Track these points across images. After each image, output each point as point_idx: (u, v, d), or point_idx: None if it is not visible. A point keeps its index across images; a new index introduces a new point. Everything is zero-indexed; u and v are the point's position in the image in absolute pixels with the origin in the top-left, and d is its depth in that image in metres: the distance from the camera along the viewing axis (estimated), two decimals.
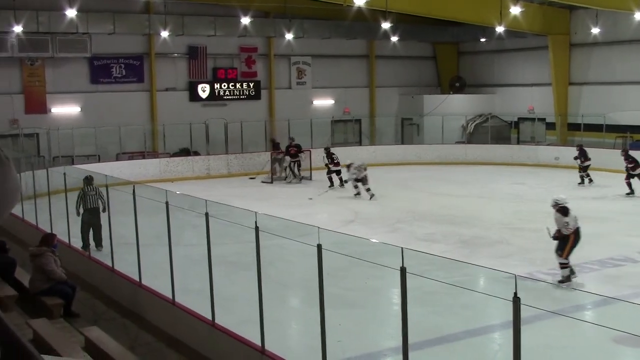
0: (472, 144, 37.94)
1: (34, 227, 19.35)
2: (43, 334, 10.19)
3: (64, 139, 31.74)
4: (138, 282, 13.71)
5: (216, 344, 11.21)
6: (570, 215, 14.58)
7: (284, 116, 37.34)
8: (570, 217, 14.56)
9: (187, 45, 36.10)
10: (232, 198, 23.80)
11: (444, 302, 13.26)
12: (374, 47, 41.26)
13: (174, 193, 13.56)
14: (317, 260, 9.20)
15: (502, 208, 23.96)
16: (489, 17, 31.99)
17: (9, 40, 30.79)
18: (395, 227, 21.14)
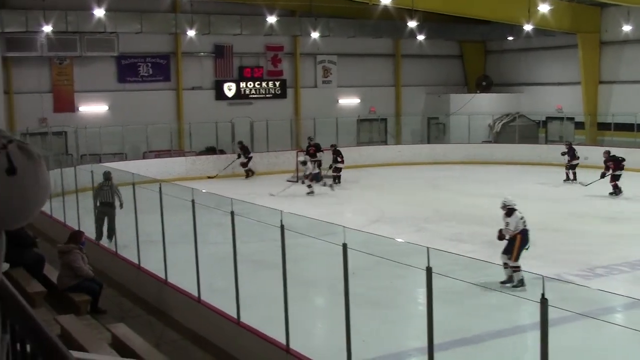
0: (499, 143, 37.68)
1: (62, 225, 19.49)
2: (70, 329, 10.24)
3: (92, 137, 31.96)
4: (164, 280, 13.76)
5: (241, 342, 11.21)
6: (514, 217, 14.48)
7: (309, 115, 37.35)
8: (513, 218, 14.46)
9: (213, 44, 36.20)
10: (257, 196, 23.83)
11: (470, 303, 13.17)
12: (400, 45, 41.13)
13: (199, 191, 13.58)
14: (342, 260, 9.17)
15: (529, 208, 23.72)
16: (517, 16, 31.77)
17: (39, 39, 31.06)
18: (421, 226, 21.04)
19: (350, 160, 33.59)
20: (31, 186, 1.78)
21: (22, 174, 1.75)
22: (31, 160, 1.80)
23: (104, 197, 18.90)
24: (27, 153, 1.80)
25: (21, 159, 1.77)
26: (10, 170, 1.74)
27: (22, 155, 1.79)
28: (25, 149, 1.81)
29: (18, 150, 1.79)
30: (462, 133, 38.63)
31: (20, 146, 1.81)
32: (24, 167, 1.76)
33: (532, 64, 40.59)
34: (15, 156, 1.77)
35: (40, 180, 1.81)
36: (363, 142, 39.19)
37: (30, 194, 1.78)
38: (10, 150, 1.77)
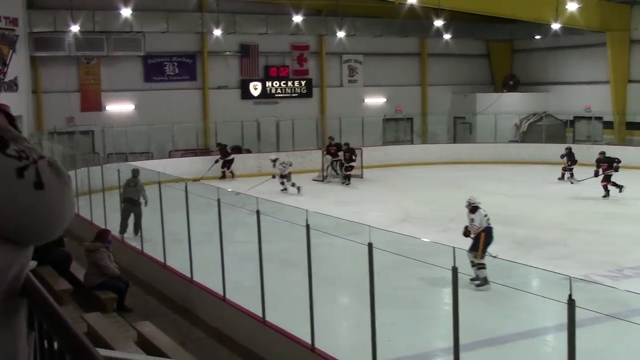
0: (525, 143, 37.45)
1: (89, 223, 19.63)
2: (97, 327, 10.31)
3: (118, 136, 32.14)
4: (189, 279, 13.81)
5: (266, 341, 11.22)
6: (478, 213, 14.68)
7: (335, 114, 37.31)
8: (477, 215, 14.65)
9: (239, 43, 36.28)
10: (282, 196, 23.85)
11: (496, 303, 13.10)
12: (426, 45, 40.99)
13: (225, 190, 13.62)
14: (367, 259, 9.14)
15: (556, 208, 23.60)
16: (545, 14, 31.52)
17: (67, 39, 31.31)
18: (447, 226, 20.93)
19: (376, 159, 33.56)
20: (57, 204, 1.78)
21: (49, 190, 1.75)
22: (60, 178, 1.80)
23: (129, 194, 19.43)
24: (57, 171, 1.81)
25: (50, 176, 1.78)
26: (38, 185, 1.74)
27: (51, 173, 1.79)
28: (56, 167, 1.82)
29: (48, 166, 1.79)
30: (488, 132, 38.44)
31: (51, 163, 1.82)
32: (51, 184, 1.77)
33: (559, 63, 40.27)
34: (44, 172, 1.77)
35: (66, 200, 1.81)
36: (389, 142, 39.13)
37: (55, 212, 1.78)
38: (40, 166, 1.77)
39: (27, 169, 1.73)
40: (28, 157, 1.76)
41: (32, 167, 1.75)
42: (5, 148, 1.74)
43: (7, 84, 27.63)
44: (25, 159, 1.75)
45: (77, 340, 1.85)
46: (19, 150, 1.77)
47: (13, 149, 1.76)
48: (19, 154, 1.76)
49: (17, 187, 1.71)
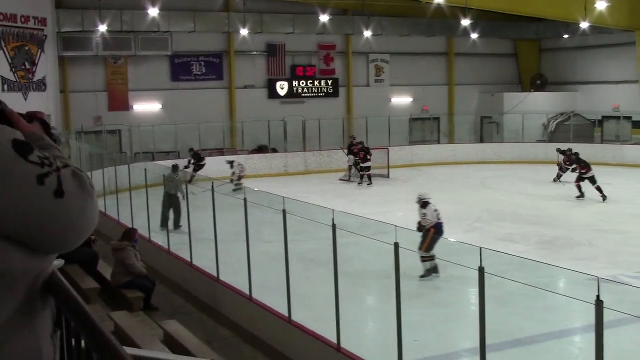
0: (553, 142, 37.14)
1: (116, 222, 19.75)
2: (123, 326, 10.36)
3: (145, 135, 32.32)
4: (216, 278, 13.84)
5: (292, 340, 11.23)
6: (429, 208, 15.12)
7: (361, 114, 37.28)
8: (428, 209, 15.09)
9: (266, 42, 36.35)
10: (309, 195, 23.85)
11: (523, 304, 13.00)
12: (453, 44, 40.84)
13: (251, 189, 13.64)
14: (393, 259, 9.12)
15: (584, 208, 23.42)
16: (573, 13, 31.26)
17: (94, 39, 31.55)
18: (474, 226, 20.86)
19: (403, 159, 33.50)
20: (77, 214, 1.77)
21: (69, 199, 1.75)
22: (82, 189, 1.80)
23: (168, 189, 20.37)
24: (80, 181, 1.81)
25: (72, 185, 1.78)
26: (58, 193, 1.74)
27: (74, 182, 1.79)
28: (79, 176, 1.82)
29: (71, 176, 1.80)
30: (515, 132, 38.24)
31: (75, 173, 1.82)
32: (72, 193, 1.76)
33: (588, 62, 39.94)
34: (66, 181, 1.77)
35: (87, 211, 1.80)
36: (415, 141, 39.03)
37: (75, 222, 1.78)
38: (62, 174, 1.77)
39: (48, 176, 1.73)
40: (51, 164, 1.76)
41: (54, 174, 1.75)
42: (29, 154, 1.75)
43: (35, 84, 27.89)
44: (48, 166, 1.75)
45: (104, 338, 1.85)
46: (43, 158, 1.77)
47: (36, 156, 1.76)
48: (42, 160, 1.76)
49: (36, 194, 1.71)
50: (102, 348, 1.85)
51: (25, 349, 1.81)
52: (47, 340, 1.90)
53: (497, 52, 42.37)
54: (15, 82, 26.89)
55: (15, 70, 26.89)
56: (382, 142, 33.86)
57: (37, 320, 1.87)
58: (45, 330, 1.90)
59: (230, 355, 11.05)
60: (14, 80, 26.84)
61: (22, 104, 25.75)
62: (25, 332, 1.82)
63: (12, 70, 26.69)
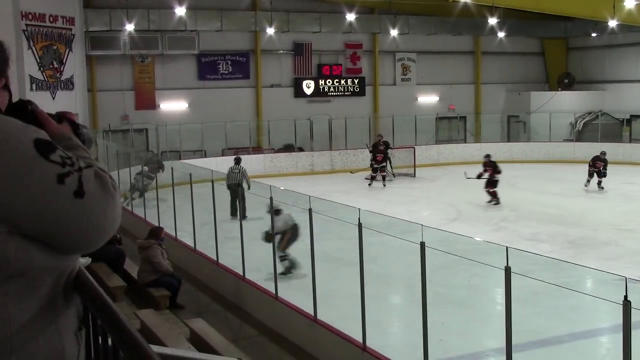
0: (580, 142, 36.88)
1: (142, 221, 19.86)
2: (150, 324, 10.42)
3: (172, 134, 32.50)
4: (241, 276, 13.88)
5: (317, 339, 11.23)
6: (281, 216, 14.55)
7: (388, 113, 37.22)
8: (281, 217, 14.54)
9: (293, 41, 36.37)
10: (335, 194, 23.85)
11: (549, 304, 12.92)
12: (480, 43, 40.62)
13: (277, 189, 13.66)
14: (420, 258, 9.09)
15: (611, 208, 23.22)
16: (602, 11, 30.96)
17: (122, 38, 31.75)
18: (500, 225, 20.77)
19: (429, 158, 33.42)
20: (97, 215, 1.78)
21: (89, 199, 1.76)
22: (104, 190, 1.81)
23: (232, 180, 21.38)
24: (102, 182, 1.81)
25: (93, 186, 1.78)
26: (78, 193, 1.75)
27: (96, 183, 1.80)
28: (102, 177, 1.82)
29: (93, 177, 1.80)
30: (542, 131, 38.01)
31: (98, 174, 1.82)
32: (93, 194, 1.77)
33: (616, 60, 39.58)
34: (88, 181, 1.78)
35: (108, 212, 1.81)
36: (442, 140, 38.89)
37: (95, 223, 1.78)
38: (84, 175, 1.78)
39: (69, 176, 1.74)
40: (73, 164, 1.77)
41: (75, 174, 1.76)
42: (50, 154, 1.76)
43: (63, 83, 28.11)
44: (69, 166, 1.76)
45: (130, 336, 1.86)
46: (65, 157, 1.78)
47: (58, 155, 1.77)
48: (64, 160, 1.77)
49: (56, 193, 1.73)
50: (129, 346, 1.86)
51: (48, 347, 1.82)
52: (71, 339, 1.91)
53: (525, 51, 42.10)
54: (44, 81, 27.11)
55: (44, 69, 27.10)
56: (408, 141, 33.79)
57: (60, 319, 1.88)
58: (69, 329, 1.91)
59: (256, 354, 11.07)
60: (43, 80, 27.05)
61: (50, 103, 25.97)
62: (49, 330, 1.83)
63: (40, 70, 26.90)
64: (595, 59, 41.01)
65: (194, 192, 16.72)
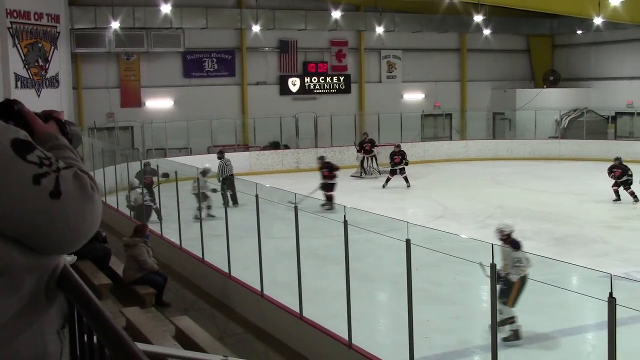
0: (566, 139, 37.06)
1: (128, 218, 19.81)
2: (135, 322, 10.40)
3: (157, 132, 32.44)
4: (227, 274, 13.87)
5: (303, 336, 11.25)
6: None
7: (373, 110, 37.27)
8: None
9: (278, 39, 36.35)
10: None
11: (535, 301, 12.97)
12: (466, 40, 40.71)
13: (263, 186, 13.66)
14: (405, 255, 9.12)
15: (597, 206, 23.33)
16: (587, 9, 31.10)
17: (107, 36, 31.63)
18: (486, 223, 20.80)
19: (415, 155, 33.41)
20: (74, 216, 1.77)
21: (66, 200, 1.75)
22: (83, 191, 1.80)
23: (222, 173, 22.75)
24: (81, 183, 1.80)
25: (71, 187, 1.77)
26: (54, 194, 1.74)
27: (74, 184, 1.79)
28: (81, 178, 1.81)
29: (72, 177, 1.79)
30: (528, 128, 38.17)
31: (77, 175, 1.81)
32: (70, 195, 1.76)
33: (601, 58, 39.75)
34: (65, 182, 1.77)
35: (87, 213, 1.80)
36: (427, 138, 38.97)
37: (72, 225, 1.77)
38: (62, 175, 1.77)
39: (46, 177, 1.74)
40: (51, 165, 1.76)
41: (53, 175, 1.75)
42: (27, 154, 1.75)
43: (48, 80, 27.97)
44: (47, 166, 1.75)
45: (116, 334, 1.87)
46: (43, 158, 1.77)
47: (36, 156, 1.76)
48: (42, 160, 1.76)
49: (31, 194, 1.72)
50: (115, 344, 1.86)
51: (31, 345, 1.82)
52: (53, 337, 1.91)
53: (510, 48, 42.24)
54: (29, 79, 26.96)
55: (29, 67, 26.96)
56: (394, 138, 33.81)
57: (42, 318, 1.87)
58: (51, 327, 1.90)
59: (242, 351, 11.07)
60: (28, 77, 26.91)
61: (36, 100, 25.84)
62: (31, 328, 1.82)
63: (25, 68, 26.76)
64: (581, 56, 41.18)
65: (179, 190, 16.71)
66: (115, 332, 1.87)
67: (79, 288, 2.02)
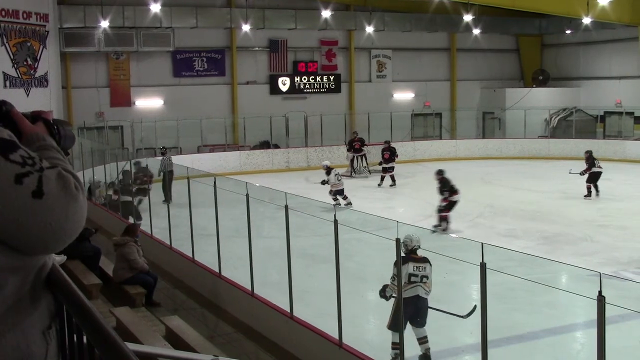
0: (555, 138, 37.17)
1: (118, 218, 19.76)
2: (125, 322, 10.37)
3: (147, 131, 32.39)
4: (218, 273, 13.85)
5: (294, 336, 11.24)
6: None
7: (363, 109, 37.32)
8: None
9: (268, 38, 36.33)
10: (311, 191, 23.84)
11: (525, 300, 13.01)
12: (456, 40, 40.80)
13: (253, 185, 13.64)
14: (395, 255, 9.13)
15: (586, 204, 23.42)
16: (576, 8, 31.20)
17: (96, 35, 31.56)
18: (476, 222, 20.87)
19: (404, 155, 33.44)
20: (57, 217, 1.75)
21: (48, 201, 1.74)
22: (66, 191, 1.78)
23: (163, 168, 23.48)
24: (64, 183, 1.79)
25: (54, 187, 1.76)
26: (36, 193, 1.73)
27: (57, 184, 1.77)
28: (64, 178, 1.80)
29: (56, 177, 1.78)
30: (517, 128, 38.24)
31: (61, 175, 1.80)
32: (53, 195, 1.75)
33: (590, 57, 39.90)
34: (48, 182, 1.75)
35: (70, 213, 1.78)
36: (417, 137, 39.01)
37: (55, 225, 1.76)
38: (45, 175, 1.76)
39: (28, 176, 1.72)
40: (34, 164, 1.75)
41: (35, 175, 1.74)
42: (10, 153, 1.74)
43: (37, 80, 27.88)
44: (30, 165, 1.74)
45: (106, 334, 1.86)
46: (26, 157, 1.75)
47: (19, 155, 1.75)
48: (25, 160, 1.75)
49: (13, 193, 1.71)
50: (104, 344, 1.85)
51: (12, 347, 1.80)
52: (38, 338, 1.89)
53: (500, 48, 42.36)
54: (18, 78, 26.88)
55: (18, 66, 26.87)
56: (384, 137, 33.78)
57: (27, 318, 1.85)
58: (35, 328, 1.88)
59: (233, 351, 11.06)
60: (16, 77, 26.83)
61: (25, 100, 25.77)
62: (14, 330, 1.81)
63: (14, 67, 26.67)
64: (570, 56, 41.32)
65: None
66: (105, 332, 1.86)
67: (69, 288, 2.02)
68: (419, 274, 10.27)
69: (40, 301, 1.92)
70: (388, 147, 28.57)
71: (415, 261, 10.27)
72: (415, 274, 10.25)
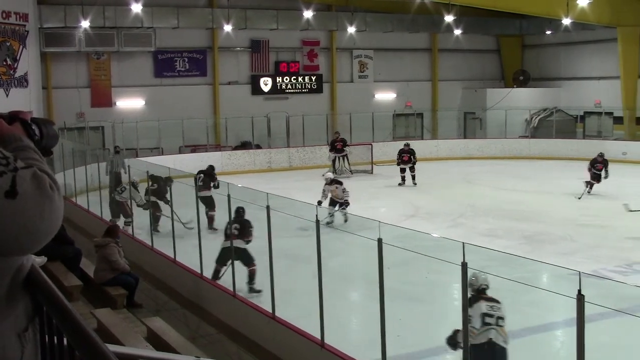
0: (536, 138, 37.37)
1: (99, 219, 19.68)
2: (107, 323, 10.33)
3: (128, 131, 32.25)
4: (199, 274, 13.83)
5: (276, 336, 11.24)
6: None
7: (345, 110, 37.34)
8: None
9: (250, 38, 36.30)
10: (293, 191, 23.84)
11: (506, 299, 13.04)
12: (437, 40, 40.93)
13: (235, 186, 13.64)
14: (377, 255, 9.14)
15: (566, 204, 23.55)
16: (556, 9, 31.41)
17: (77, 35, 31.40)
18: (457, 222, 20.94)
19: (386, 155, 33.51)
20: (31, 217, 1.73)
21: (22, 201, 1.72)
22: (41, 191, 1.76)
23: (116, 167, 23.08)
24: (39, 183, 1.77)
25: (29, 187, 1.74)
26: (9, 193, 1.71)
27: (32, 184, 1.75)
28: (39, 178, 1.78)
29: (31, 177, 1.76)
30: (498, 128, 38.42)
31: (36, 175, 1.78)
32: (27, 195, 1.73)
33: (570, 58, 40.15)
34: (22, 182, 1.74)
35: (45, 213, 1.76)
36: (399, 137, 39.02)
37: (30, 225, 1.74)
38: (19, 175, 1.74)
39: (2, 176, 1.71)
40: (8, 164, 1.73)
41: (9, 174, 1.72)
42: None
43: (17, 80, 27.70)
44: (3, 165, 1.73)
45: (86, 336, 1.86)
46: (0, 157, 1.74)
47: None
48: None
49: None
50: (85, 346, 1.85)
51: None
52: (13, 340, 1.87)
53: (481, 48, 42.53)
54: None
55: None
56: (366, 138, 33.93)
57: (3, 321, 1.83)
58: (10, 330, 1.86)
59: (215, 352, 11.05)
60: None
61: (4, 100, 25.60)
62: None
63: None
64: (550, 56, 41.55)
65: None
66: (85, 333, 1.86)
67: (48, 289, 2.01)
68: (494, 314, 8.92)
69: (18, 303, 1.90)
70: (408, 149, 28.54)
71: (487, 300, 9.07)
72: (490, 314, 8.89)
